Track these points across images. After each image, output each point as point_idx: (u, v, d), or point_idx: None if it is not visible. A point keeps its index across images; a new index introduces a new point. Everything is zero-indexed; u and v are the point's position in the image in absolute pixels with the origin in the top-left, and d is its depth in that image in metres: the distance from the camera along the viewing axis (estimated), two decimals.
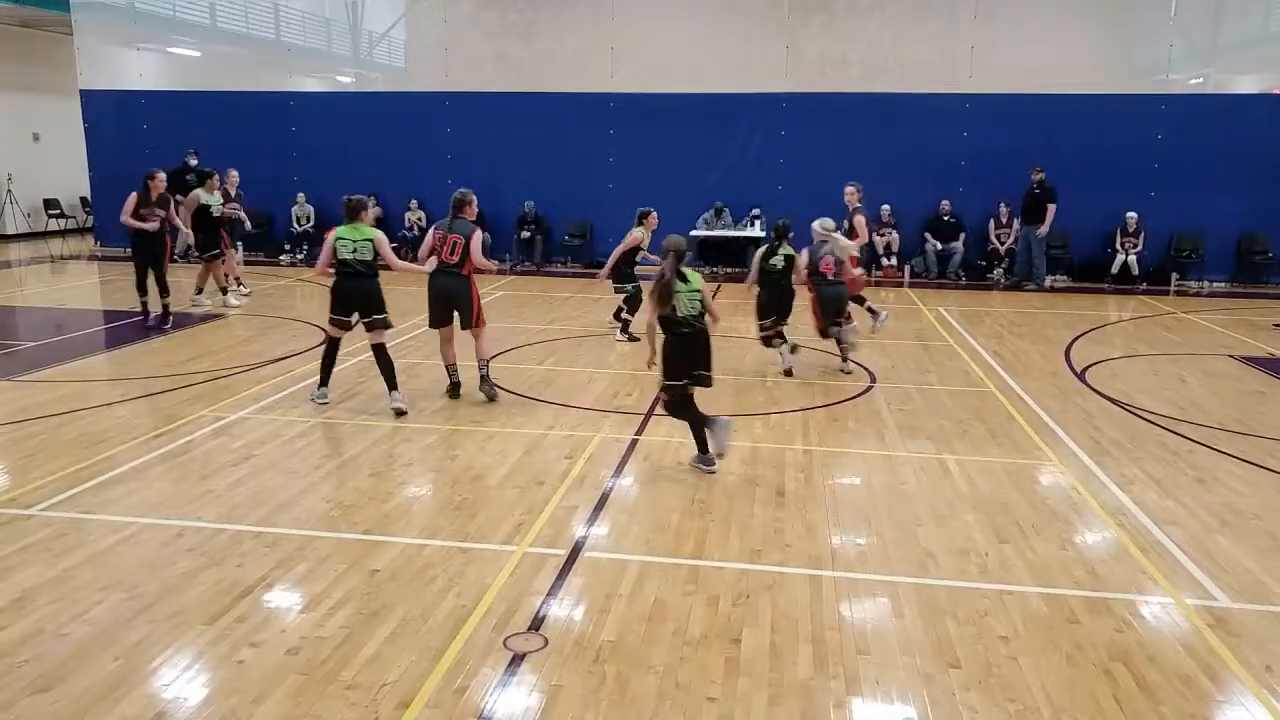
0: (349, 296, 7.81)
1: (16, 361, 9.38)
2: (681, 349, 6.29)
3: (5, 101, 20.49)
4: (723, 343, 10.64)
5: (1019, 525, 5.48)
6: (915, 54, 16.05)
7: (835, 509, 5.76)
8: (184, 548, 5.05)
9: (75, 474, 6.11)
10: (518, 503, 5.76)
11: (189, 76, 21.36)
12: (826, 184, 15.87)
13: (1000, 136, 15.49)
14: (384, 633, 4.19)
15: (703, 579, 4.77)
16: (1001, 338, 11.16)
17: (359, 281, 7.78)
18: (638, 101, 16.60)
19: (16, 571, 4.74)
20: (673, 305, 6.18)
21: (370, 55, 25.02)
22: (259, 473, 6.25)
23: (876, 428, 7.46)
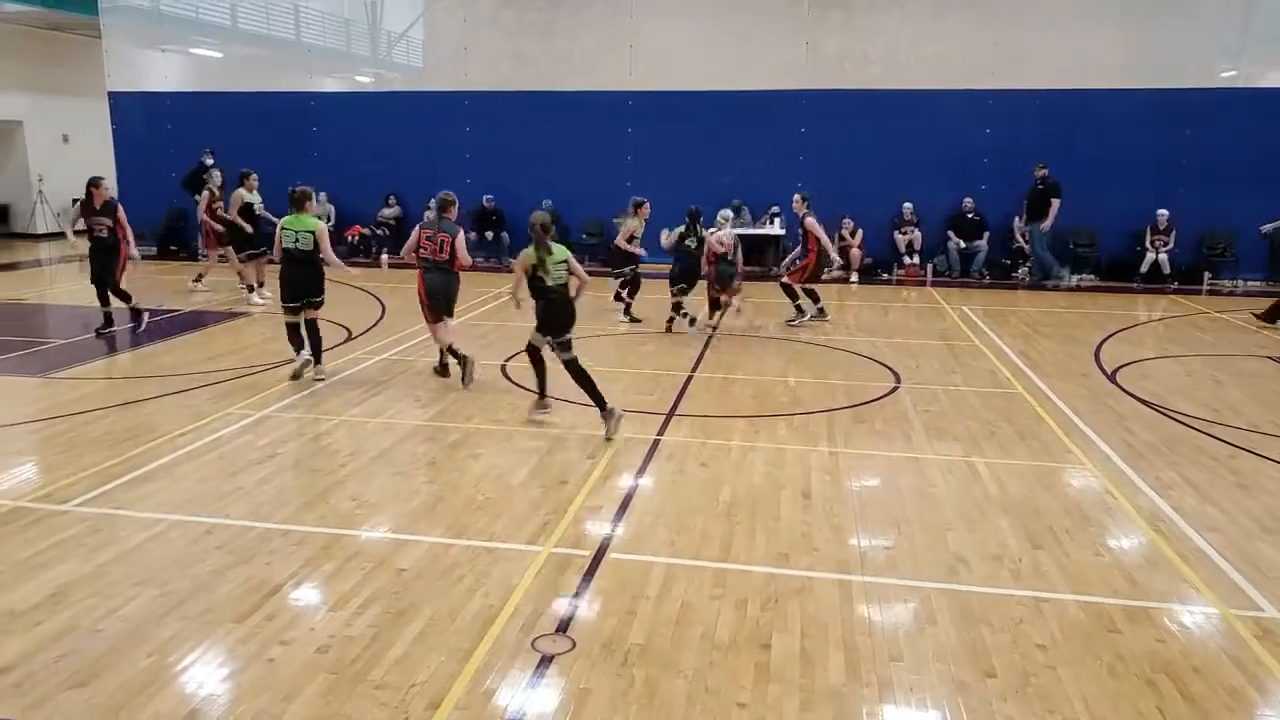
0: (293, 283, 8.44)
1: (46, 359, 9.45)
2: (549, 313, 7.16)
3: (36, 104, 20.71)
4: (745, 343, 10.62)
5: (1052, 530, 5.41)
6: (936, 50, 15.91)
7: (863, 512, 5.71)
8: (213, 545, 5.06)
9: (106, 470, 6.14)
10: (542, 502, 5.75)
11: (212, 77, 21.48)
12: (846, 181, 15.88)
13: (1024, 133, 15.35)
14: (412, 632, 4.18)
15: (730, 582, 4.73)
16: (1028, 337, 11.05)
17: (301, 268, 8.42)
18: (656, 99, 16.57)
19: (52, 567, 4.77)
20: (540, 274, 7.01)
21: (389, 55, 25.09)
22: (285, 470, 6.27)
23: (903, 429, 7.39)
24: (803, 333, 11.17)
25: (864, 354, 10.07)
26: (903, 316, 12.60)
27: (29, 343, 10.20)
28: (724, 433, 7.20)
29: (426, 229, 8.59)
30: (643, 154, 16.56)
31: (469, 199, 17.09)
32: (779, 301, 13.54)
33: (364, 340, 10.39)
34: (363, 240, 17.29)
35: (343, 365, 9.21)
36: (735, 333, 11.15)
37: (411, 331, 10.84)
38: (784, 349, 10.34)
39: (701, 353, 10.06)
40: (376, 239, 17.38)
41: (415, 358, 9.59)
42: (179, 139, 17.74)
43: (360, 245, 17.21)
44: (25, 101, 20.52)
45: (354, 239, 17.50)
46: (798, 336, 10.96)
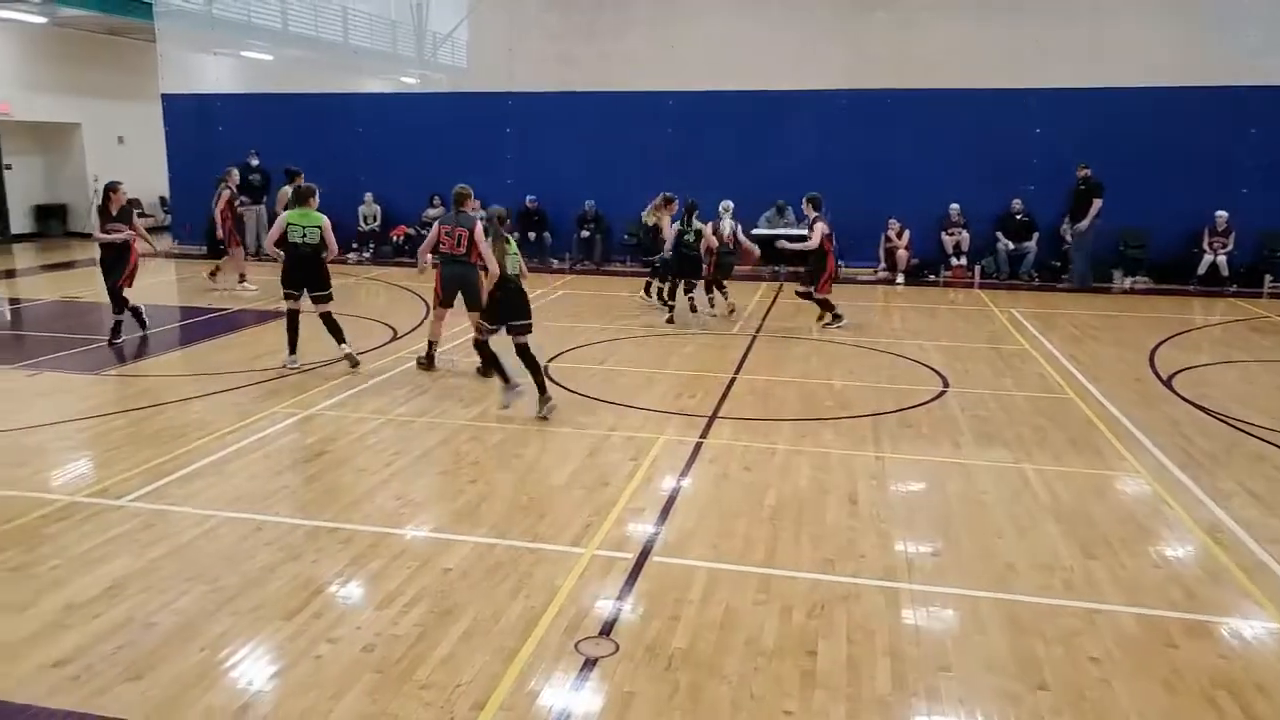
0: (296, 274, 8.83)
1: (100, 357, 9.65)
2: (506, 300, 7.49)
3: (94, 107, 21.19)
4: (789, 345, 10.55)
5: (1106, 540, 5.29)
6: (982, 48, 15.64)
7: (910, 518, 5.63)
8: (262, 542, 5.13)
9: (158, 467, 6.26)
10: (584, 504, 5.74)
11: (261, 80, 21.84)
12: (892, 182, 15.70)
13: (1074, 132, 15.04)
14: (457, 632, 4.20)
15: (775, 588, 4.69)
16: (1079, 341, 10.84)
17: (306, 262, 8.81)
18: (697, 100, 16.52)
19: (108, 561, 4.87)
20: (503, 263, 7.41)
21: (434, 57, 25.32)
22: (332, 469, 6.34)
23: (951, 434, 7.28)
24: (847, 335, 11.07)
25: (910, 357, 9.95)
26: (950, 319, 12.43)
27: (84, 340, 10.42)
28: (768, 436, 7.15)
29: (445, 224, 8.78)
30: (684, 154, 16.51)
31: (511, 199, 17.14)
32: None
33: (409, 340, 10.48)
34: (408, 240, 17.44)
35: (388, 365, 9.30)
36: (778, 334, 11.07)
37: (456, 332, 10.91)
38: (828, 351, 10.26)
39: (744, 354, 10.01)
40: (421, 239, 17.50)
41: (459, 358, 9.65)
42: (229, 140, 18.05)
43: (405, 245, 17.36)
44: (83, 104, 21.00)
45: (399, 239, 17.67)
46: (842, 339, 10.86)
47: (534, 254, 17.14)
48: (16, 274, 16.48)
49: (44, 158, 21.61)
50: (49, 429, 7.19)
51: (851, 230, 16.03)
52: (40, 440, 6.92)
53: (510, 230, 7.66)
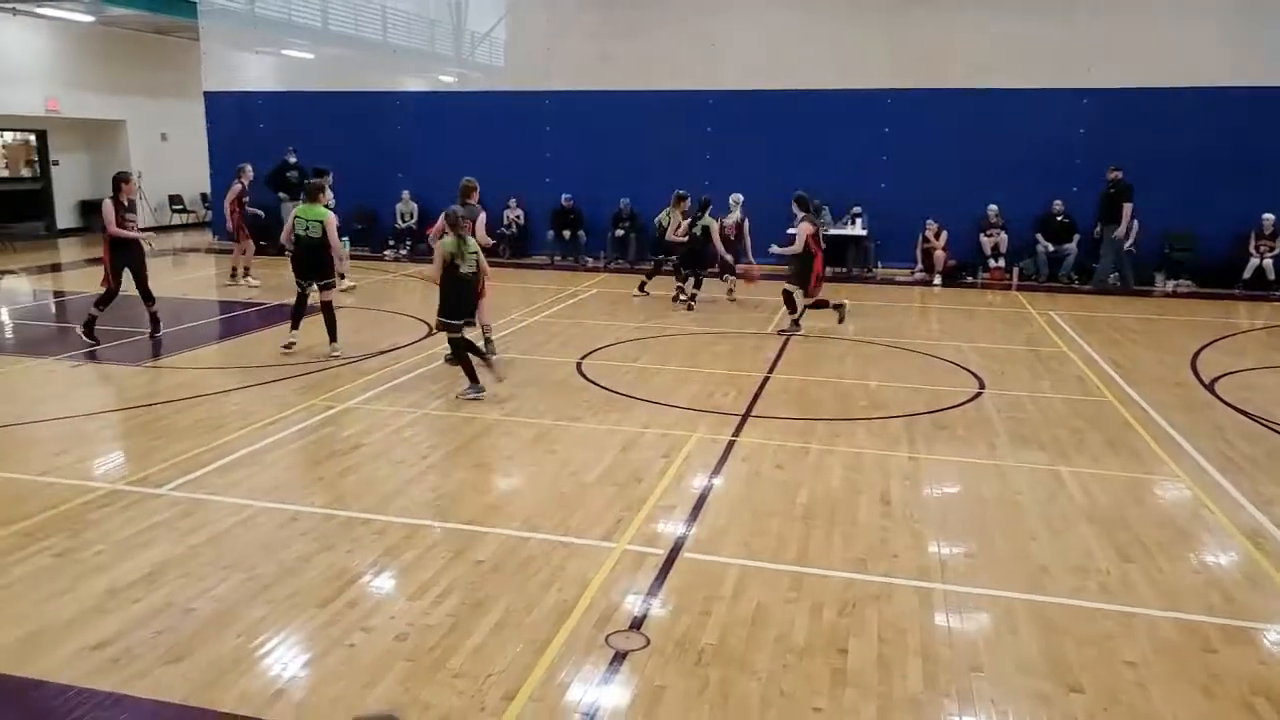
0: (301, 265, 9.50)
1: (143, 348, 9.84)
2: (462, 296, 7.94)
3: (139, 105, 21.61)
4: (824, 344, 10.50)
5: (1142, 543, 5.22)
6: (1028, 47, 15.45)
7: (943, 519, 5.59)
8: (298, 531, 5.21)
9: (198, 457, 6.37)
10: (616, 500, 5.76)
11: (302, 78, 22.11)
12: (931, 182, 15.56)
13: (1120, 133, 14.80)
14: (489, 623, 4.23)
15: (806, 586, 4.68)
16: (1119, 344, 10.68)
17: (310, 253, 9.42)
18: (737, 99, 16.48)
19: (149, 547, 4.97)
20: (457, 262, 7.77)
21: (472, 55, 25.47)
22: (367, 461, 6.41)
23: (986, 435, 7.21)
24: (883, 335, 10.99)
25: (946, 358, 9.86)
26: (987, 321, 12.30)
27: (127, 332, 10.61)
28: (801, 435, 7.13)
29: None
30: (723, 153, 16.49)
31: (549, 198, 17.29)
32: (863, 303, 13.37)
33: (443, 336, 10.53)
34: None
35: (423, 360, 9.39)
36: (813, 335, 11.02)
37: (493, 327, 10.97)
38: (863, 352, 10.20)
39: (779, 354, 9.98)
40: None
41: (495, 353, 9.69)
42: (270, 137, 18.30)
43: None
44: (128, 102, 21.41)
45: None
46: (878, 339, 10.79)
47: (568, 252, 17.24)
48: (62, 268, 16.83)
49: (90, 154, 22.05)
50: (92, 419, 7.35)
51: (889, 231, 15.97)
52: (83, 429, 7.07)
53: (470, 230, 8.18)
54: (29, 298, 13.98)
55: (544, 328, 11.22)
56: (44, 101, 19.68)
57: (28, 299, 13.87)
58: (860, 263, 16.13)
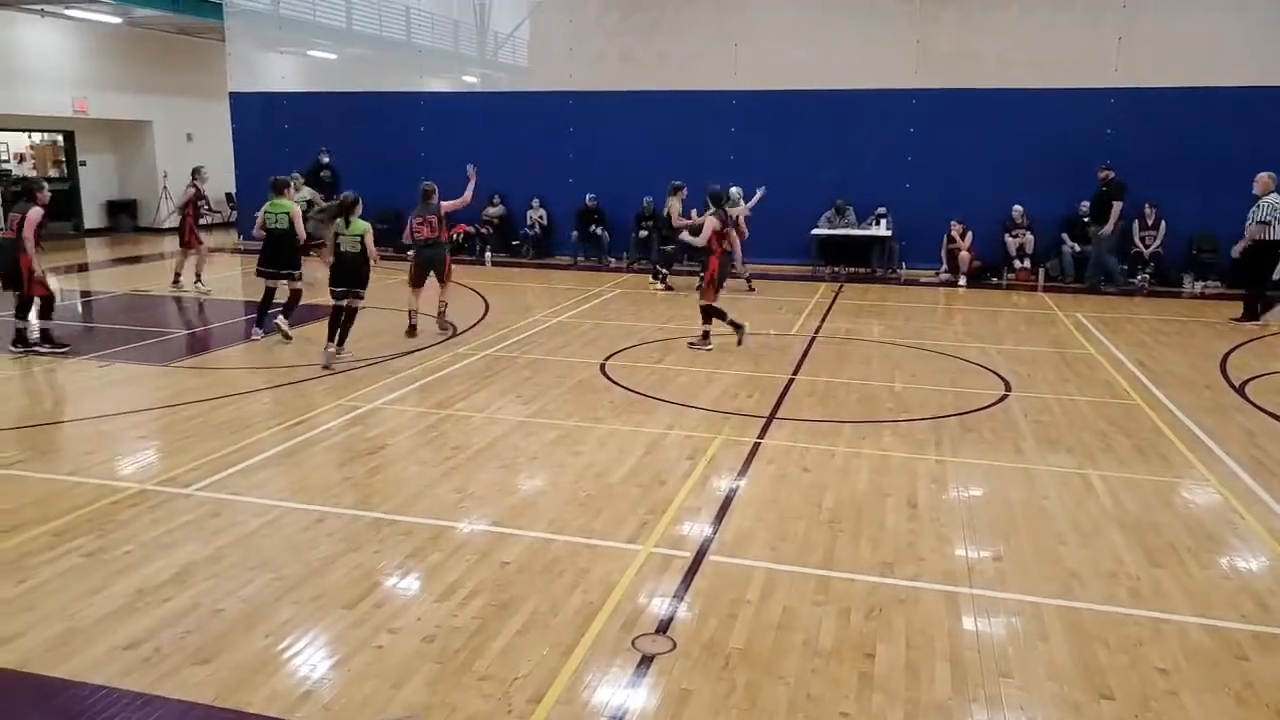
0: (268, 255, 10.31)
1: (170, 348, 9.94)
2: (339, 270, 9.11)
3: (164, 105, 21.83)
4: (849, 346, 10.45)
5: (1173, 548, 5.16)
6: (1055, 46, 15.31)
7: (971, 522, 5.54)
8: (324, 532, 5.23)
9: (225, 457, 6.42)
10: (641, 502, 5.75)
11: (326, 78, 22.27)
12: (956, 182, 15.45)
13: (1148, 133, 14.64)
14: (515, 625, 4.24)
15: (833, 590, 4.65)
16: (1146, 346, 10.56)
17: (276, 245, 10.23)
18: (760, 99, 16.43)
19: (177, 547, 5.01)
20: (336, 243, 9.07)
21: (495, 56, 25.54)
22: (393, 462, 6.44)
23: (1013, 439, 7.15)
24: (908, 337, 10.93)
25: (972, 360, 9.79)
26: (1012, 322, 12.20)
27: (154, 333, 10.74)
28: (827, 438, 7.10)
29: (418, 216, 10.45)
30: (746, 153, 16.44)
31: (572, 198, 17.30)
32: (888, 304, 13.31)
33: (468, 336, 10.60)
34: (467, 238, 17.63)
35: (448, 361, 9.42)
36: (837, 336, 10.98)
37: (515, 329, 11.03)
38: (889, 354, 10.14)
39: (803, 355, 9.94)
40: (481, 237, 17.72)
41: (518, 354, 9.74)
42: (295, 137, 18.44)
43: (465, 243, 17.55)
44: (154, 102, 21.63)
45: (459, 236, 17.86)
46: (902, 340, 10.73)
47: (592, 253, 17.24)
48: (89, 268, 17.02)
49: (116, 155, 22.31)
50: (120, 418, 7.42)
51: (914, 232, 15.87)
52: (112, 429, 7.14)
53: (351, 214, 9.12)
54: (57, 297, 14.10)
55: (567, 328, 11.23)
56: (72, 102, 19.91)
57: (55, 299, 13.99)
58: (885, 263, 16.04)
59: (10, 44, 18.23)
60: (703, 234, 10.07)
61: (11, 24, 18.34)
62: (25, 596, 4.44)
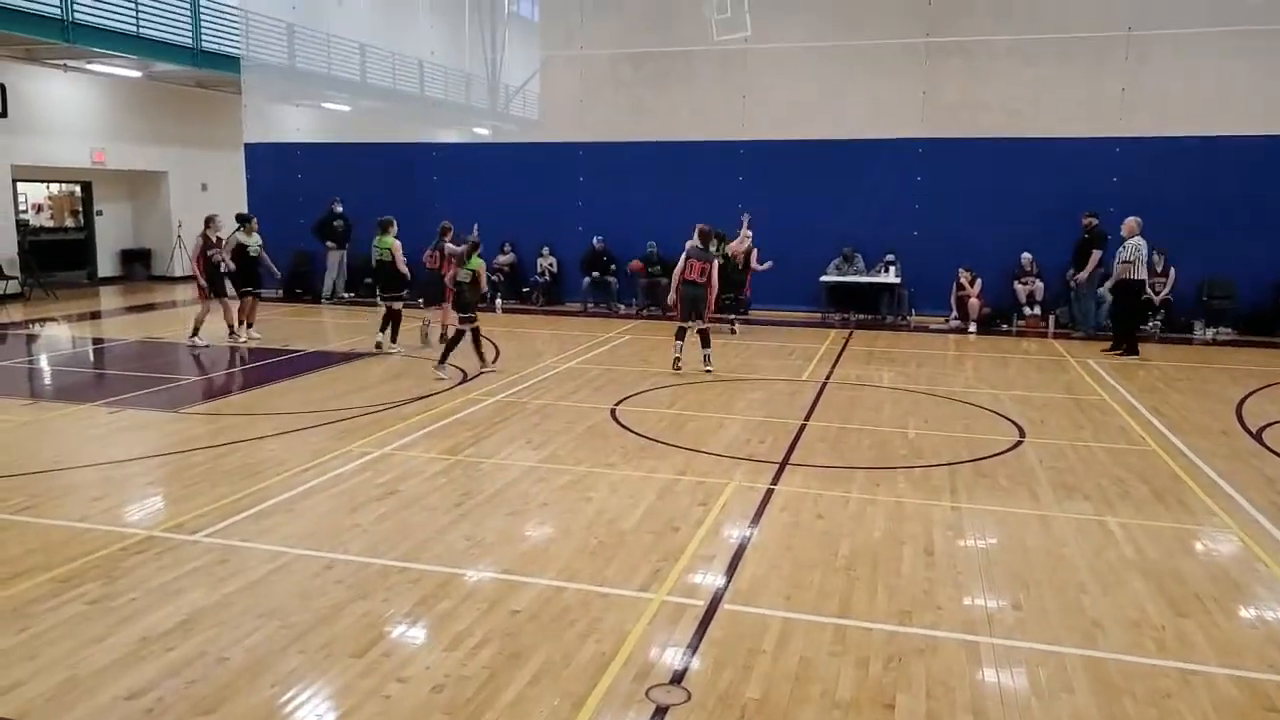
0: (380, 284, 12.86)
1: (180, 394, 9.93)
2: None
3: (180, 156, 22.13)
4: (860, 392, 10.39)
5: (1197, 597, 5.05)
6: (1061, 96, 15.46)
7: (989, 571, 5.44)
8: (332, 579, 5.16)
9: (233, 503, 6.37)
10: (653, 549, 5.67)
11: (340, 129, 22.61)
12: (964, 230, 15.50)
13: (1155, 181, 14.68)
14: (526, 675, 4.15)
15: (850, 639, 4.55)
16: (1160, 392, 10.47)
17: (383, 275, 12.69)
18: (768, 148, 16.58)
19: (183, 594, 4.94)
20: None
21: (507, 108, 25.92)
22: (402, 508, 6.37)
23: (1029, 485, 7.06)
24: (919, 383, 10.87)
25: (984, 406, 9.72)
26: (1024, 368, 12.13)
27: (164, 379, 10.74)
28: (841, 484, 7.01)
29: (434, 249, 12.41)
30: (755, 202, 16.53)
31: (581, 245, 17.39)
32: (898, 350, 13.27)
33: (479, 382, 10.57)
34: None
35: (458, 406, 9.38)
36: (849, 382, 10.93)
37: (525, 374, 11.01)
38: (901, 399, 10.07)
39: (815, 401, 9.88)
40: (492, 285, 17.75)
41: (528, 399, 9.70)
42: (308, 187, 18.65)
43: None
44: (170, 153, 21.93)
45: None
46: (914, 386, 10.66)
47: (601, 299, 17.29)
48: (102, 315, 17.12)
49: (132, 204, 22.58)
50: (129, 464, 7.39)
51: (923, 278, 15.88)
52: (121, 475, 7.11)
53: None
54: (69, 345, 14.20)
55: (578, 374, 11.21)
56: (90, 154, 20.20)
57: (68, 346, 14.09)
58: (894, 310, 16.03)
59: (34, 98, 18.55)
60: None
61: (35, 78, 18.69)
62: (27, 644, 4.37)
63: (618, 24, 18.21)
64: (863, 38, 16.54)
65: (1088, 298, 14.54)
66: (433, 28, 23.41)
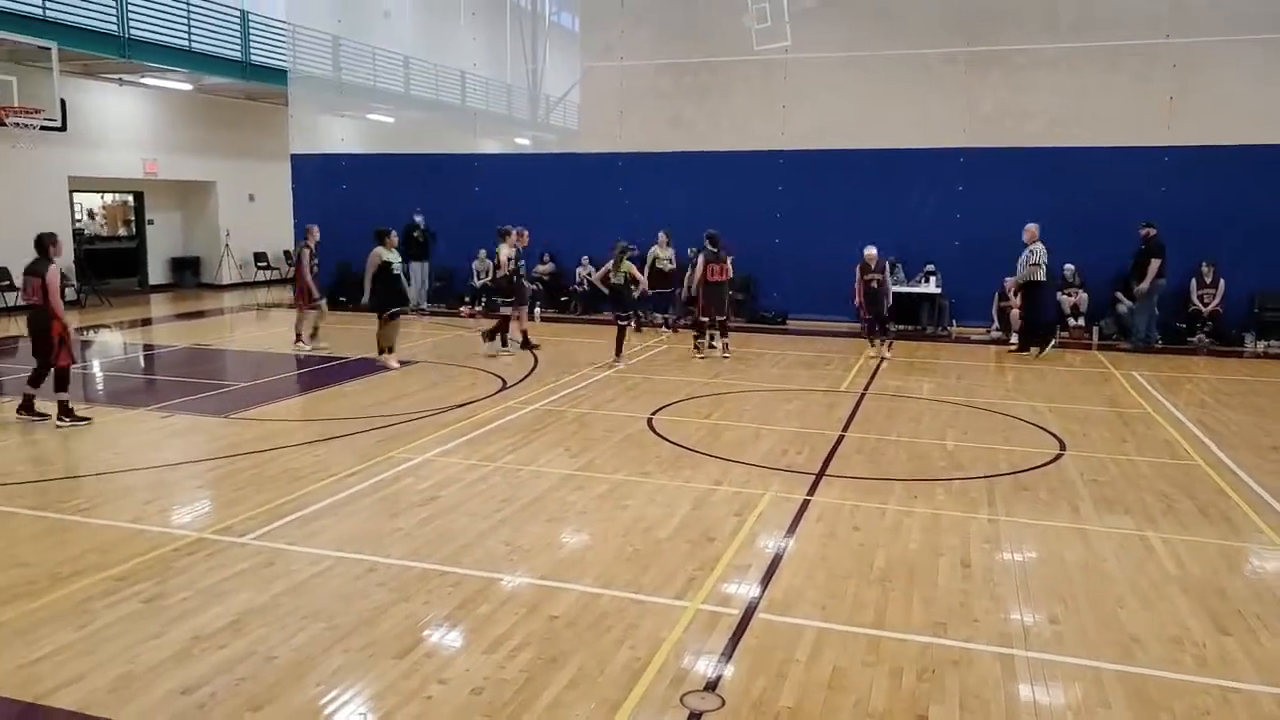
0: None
1: (228, 400, 10.17)
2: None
3: (229, 167, 22.65)
4: (899, 403, 10.36)
5: (1241, 614, 4.99)
6: (1105, 106, 15.31)
7: (1026, 584, 5.42)
8: (375, 582, 5.28)
9: (279, 507, 6.53)
10: (689, 558, 5.73)
11: (384, 140, 23.01)
12: (1005, 241, 15.32)
13: (1203, 191, 14.48)
14: (563, 679, 4.22)
15: (884, 650, 4.57)
16: (1208, 406, 10.32)
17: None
18: (808, 158, 16.58)
19: (233, 595, 5.09)
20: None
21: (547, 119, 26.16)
22: (443, 513, 6.49)
23: (1069, 499, 7.00)
24: (958, 394, 10.81)
25: (1025, 419, 9.64)
26: (1066, 380, 12.01)
27: (214, 385, 11.01)
28: (878, 495, 7.02)
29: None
30: (793, 212, 16.58)
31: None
32: (938, 361, 13.19)
33: (518, 390, 10.70)
34: None
35: (498, 414, 9.51)
36: (888, 393, 10.90)
37: (563, 383, 11.12)
38: (940, 411, 10.03)
39: (853, 412, 9.87)
40: (533, 295, 17.93)
41: (566, 408, 9.81)
42: (352, 197, 18.97)
43: None
44: (219, 164, 22.45)
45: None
46: (953, 398, 10.61)
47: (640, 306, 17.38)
48: (153, 322, 17.56)
49: (182, 213, 23.13)
50: (180, 468, 7.60)
51: (964, 289, 15.77)
52: (173, 478, 7.32)
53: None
54: (121, 351, 14.59)
55: (615, 382, 11.30)
56: (143, 164, 20.74)
57: (121, 352, 14.47)
58: (935, 320, 15.93)
59: (90, 111, 19.09)
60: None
61: (92, 92, 19.25)
62: (86, 640, 4.54)
63: (657, 35, 18.35)
64: (903, 47, 16.51)
65: (1143, 309, 14.30)
66: (475, 39, 23.74)
